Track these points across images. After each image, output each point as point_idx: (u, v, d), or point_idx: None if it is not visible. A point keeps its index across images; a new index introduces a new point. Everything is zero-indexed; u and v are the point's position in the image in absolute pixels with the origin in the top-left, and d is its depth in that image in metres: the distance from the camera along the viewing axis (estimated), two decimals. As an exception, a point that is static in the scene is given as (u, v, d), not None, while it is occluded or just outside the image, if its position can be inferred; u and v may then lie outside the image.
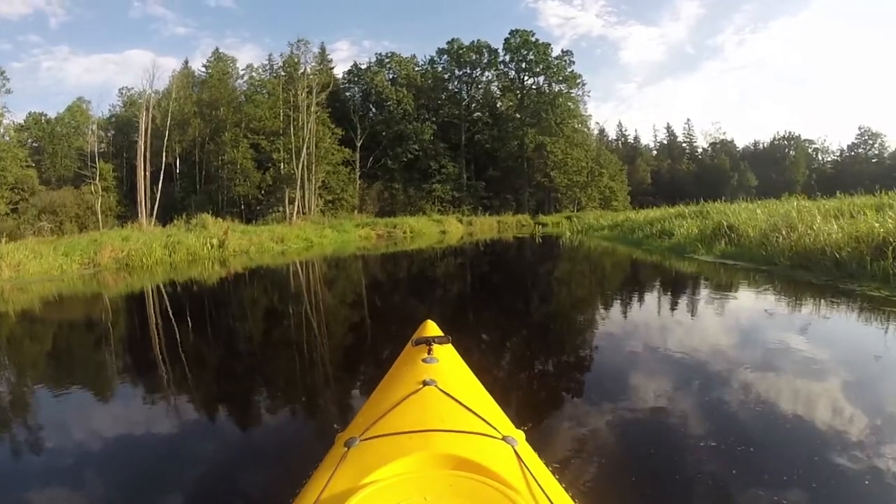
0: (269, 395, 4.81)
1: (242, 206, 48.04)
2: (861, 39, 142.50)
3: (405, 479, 1.37)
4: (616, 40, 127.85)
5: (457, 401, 1.89)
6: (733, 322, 6.75)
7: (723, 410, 3.79)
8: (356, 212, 49.28)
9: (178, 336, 7.47)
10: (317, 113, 45.99)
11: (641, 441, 3.40)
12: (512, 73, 62.77)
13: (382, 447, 1.60)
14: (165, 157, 44.43)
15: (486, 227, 46.58)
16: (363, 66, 60.86)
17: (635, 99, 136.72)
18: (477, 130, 61.83)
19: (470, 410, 1.83)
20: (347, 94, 59.64)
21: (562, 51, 61.63)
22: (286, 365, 5.86)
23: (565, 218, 52.70)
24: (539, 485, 1.45)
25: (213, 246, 20.51)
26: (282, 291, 13.01)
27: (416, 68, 62.53)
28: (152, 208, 40.93)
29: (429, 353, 2.44)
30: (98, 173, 42.88)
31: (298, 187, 42.44)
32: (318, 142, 44.96)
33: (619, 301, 8.87)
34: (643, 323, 7.02)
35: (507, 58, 61.75)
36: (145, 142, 42.38)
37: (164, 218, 36.45)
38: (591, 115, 65.83)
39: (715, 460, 3.01)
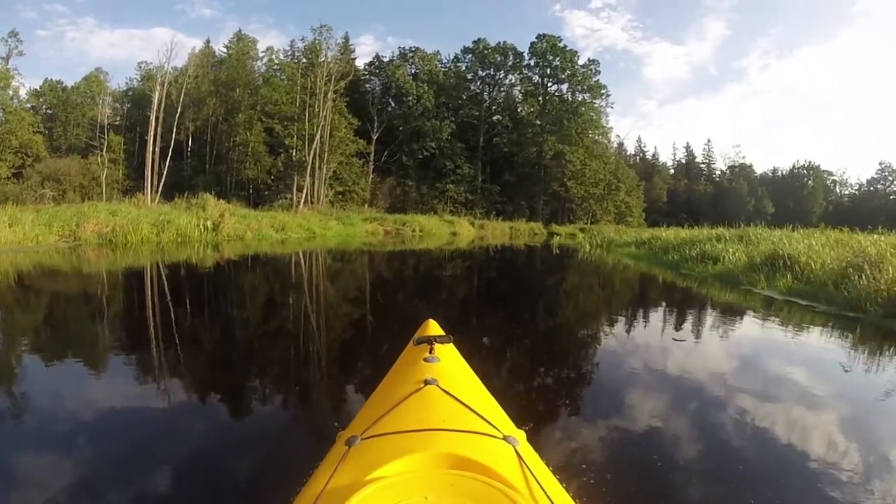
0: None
1: (251, 190, 46.70)
2: (889, 73, 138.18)
3: (406, 478, 1.34)
4: (640, 55, 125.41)
5: (458, 400, 1.84)
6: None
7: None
8: (366, 206, 47.71)
9: (151, 332, 6.56)
10: (334, 101, 44.34)
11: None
12: (536, 78, 60.91)
13: (383, 446, 1.57)
14: (177, 134, 42.87)
15: (498, 232, 44.92)
16: (385, 59, 59.11)
17: (655, 116, 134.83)
18: (496, 133, 60.18)
19: (471, 410, 1.78)
20: (367, 86, 57.78)
21: (588, 59, 60.10)
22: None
23: (579, 230, 51.50)
24: (540, 485, 1.42)
25: (206, 228, 18.84)
26: (275, 286, 11.46)
27: (439, 65, 60.92)
28: (158, 184, 39.43)
29: (430, 353, 2.38)
30: (106, 145, 41.58)
31: (308, 175, 40.79)
32: (332, 131, 43.23)
33: (695, 349, 6.47)
34: (741, 388, 4.90)
35: (532, 62, 59.96)
36: (157, 117, 40.76)
37: (170, 195, 34.91)
38: (611, 128, 63.73)
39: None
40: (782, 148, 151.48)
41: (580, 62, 59.31)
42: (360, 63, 59.12)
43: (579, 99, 59.57)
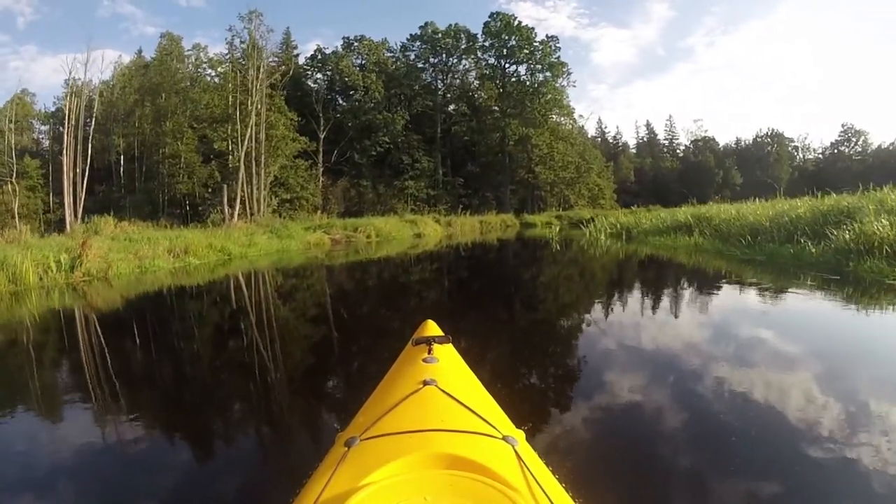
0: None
1: (187, 207, 40.11)
2: (836, 39, 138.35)
3: (405, 479, 1.34)
4: (588, 42, 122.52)
5: (457, 400, 1.82)
6: None
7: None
8: (319, 212, 41.27)
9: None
10: (270, 96, 37.88)
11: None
12: (492, 60, 54.91)
13: (383, 447, 1.56)
14: (107, 154, 35.97)
15: (468, 227, 38.85)
16: (328, 51, 52.39)
17: (607, 99, 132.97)
18: (454, 122, 54.10)
19: (470, 410, 1.76)
20: (309, 82, 51.19)
21: (546, 36, 53.99)
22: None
23: (555, 217, 46.33)
24: (539, 485, 1.40)
25: (58, 267, 12.44)
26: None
27: (388, 53, 54.46)
28: (76, 210, 33.20)
29: (429, 353, 2.35)
30: (13, 171, 35.25)
31: (244, 183, 34.32)
32: (268, 129, 36.55)
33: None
34: None
35: (488, 43, 53.91)
36: (74, 133, 34.72)
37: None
38: (574, 108, 58.13)
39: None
40: (742, 121, 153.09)
41: (538, 39, 53.47)
42: (302, 60, 52.50)
43: (540, 79, 53.86)
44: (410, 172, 48.10)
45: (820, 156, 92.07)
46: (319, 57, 51.74)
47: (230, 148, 35.86)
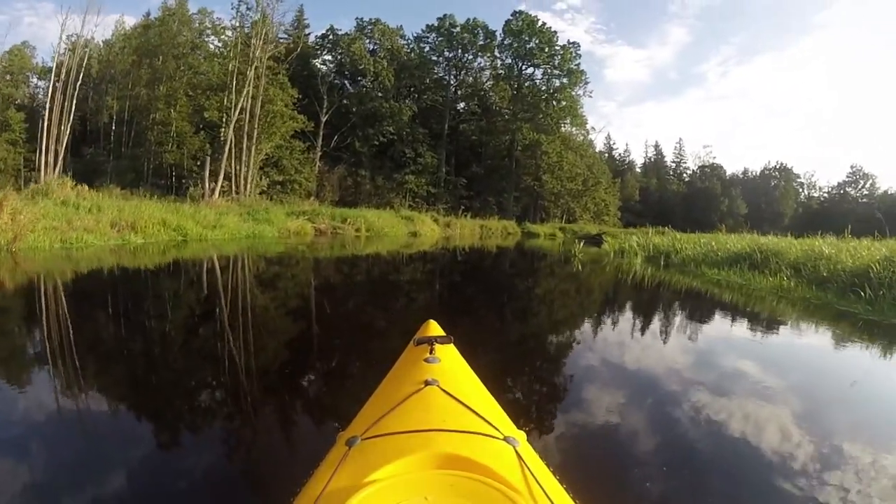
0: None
1: (173, 178, 37.21)
2: (853, 79, 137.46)
3: (406, 479, 1.32)
4: (602, 58, 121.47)
5: (458, 401, 1.79)
6: None
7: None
8: (312, 198, 38.29)
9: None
10: (271, 69, 34.89)
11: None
12: (508, 61, 51.87)
13: (384, 446, 1.53)
14: (98, 115, 32.69)
15: (467, 231, 36.00)
16: (341, 32, 48.94)
17: (616, 116, 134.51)
18: (462, 119, 51.04)
19: (472, 410, 1.74)
20: (318, 62, 48.10)
21: (568, 41, 51.12)
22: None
23: (559, 229, 43.78)
24: (540, 485, 1.38)
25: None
26: None
27: (401, 41, 51.34)
28: (55, 169, 29.90)
29: (431, 353, 2.27)
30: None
31: (234, 159, 31.32)
32: (264, 103, 33.49)
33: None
34: None
35: (507, 42, 50.86)
36: (62, 90, 31.30)
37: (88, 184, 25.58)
38: (587, 120, 55.33)
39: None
40: (748, 150, 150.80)
41: (559, 44, 50.54)
42: (313, 40, 49.34)
43: (556, 84, 50.91)
44: (412, 167, 45.06)
45: (826, 195, 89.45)
46: (331, 37, 48.53)
47: (224, 120, 32.63)
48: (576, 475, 2.25)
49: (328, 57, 49.14)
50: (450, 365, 2.24)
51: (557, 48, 50.07)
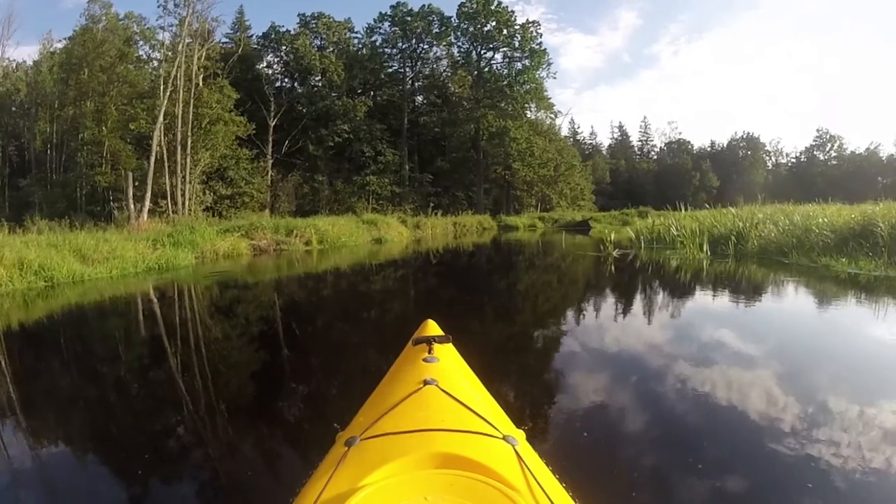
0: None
1: (110, 203, 32.28)
2: (803, 47, 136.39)
3: (406, 479, 1.30)
4: (555, 46, 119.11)
5: (457, 400, 1.76)
6: None
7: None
8: (267, 210, 33.92)
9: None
10: (205, 68, 30.48)
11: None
12: (466, 46, 47.88)
13: (383, 446, 1.51)
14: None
15: (439, 230, 31.89)
16: (283, 29, 44.33)
17: (572, 103, 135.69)
18: (423, 112, 46.96)
19: (470, 410, 1.71)
20: (262, 65, 43.69)
21: (527, 20, 47.21)
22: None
23: (538, 219, 39.92)
24: (539, 484, 1.36)
25: None
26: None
27: (349, 34, 46.90)
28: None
29: (429, 353, 2.24)
30: None
31: (166, 172, 26.94)
32: (198, 107, 29.01)
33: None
34: None
35: (463, 27, 46.83)
36: None
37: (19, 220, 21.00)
38: (554, 103, 51.67)
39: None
40: (710, 123, 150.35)
41: (518, 22, 46.72)
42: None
43: (518, 67, 47.08)
44: (373, 167, 40.86)
45: (793, 160, 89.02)
46: (273, 36, 43.96)
47: (145, 127, 28.10)
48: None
49: (272, 58, 44.78)
50: (448, 364, 2.19)
51: (517, 27, 46.22)
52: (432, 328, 2.65)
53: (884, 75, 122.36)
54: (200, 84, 31.72)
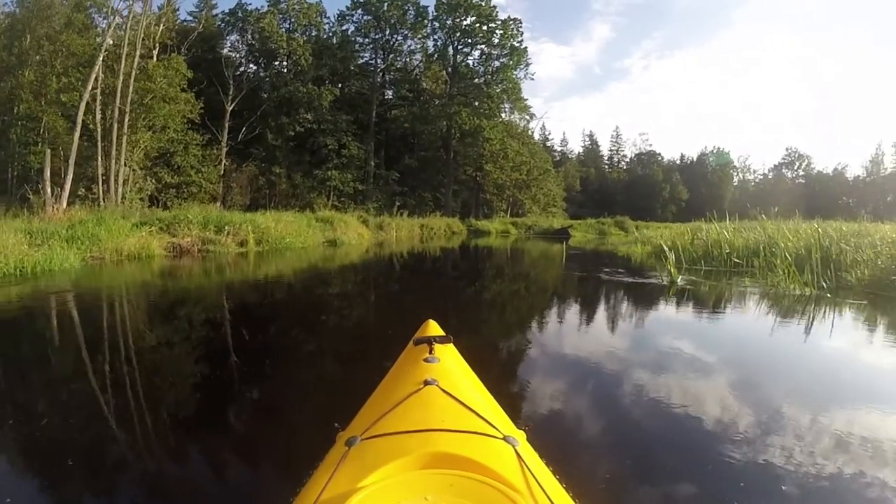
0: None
1: (48, 185, 28.41)
2: (776, 68, 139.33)
3: (406, 479, 1.29)
4: (528, 55, 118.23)
5: (458, 400, 1.74)
6: None
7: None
8: (218, 203, 30.46)
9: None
10: (151, 37, 26.99)
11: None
12: (443, 40, 44.90)
13: (383, 446, 1.50)
14: None
15: (405, 232, 28.99)
16: (251, 7, 40.41)
17: (541, 112, 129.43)
18: (393, 106, 43.76)
19: (471, 410, 1.69)
20: (224, 48, 39.99)
21: (509, 17, 44.47)
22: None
23: (510, 224, 37.52)
24: (540, 485, 1.35)
25: None
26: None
27: (320, 17, 43.26)
28: None
29: (430, 353, 2.19)
30: None
31: (99, 154, 23.45)
32: (139, 79, 25.45)
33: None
34: None
35: (441, 19, 43.84)
36: None
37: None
38: (530, 105, 49.03)
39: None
40: (682, 138, 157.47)
41: (499, 18, 43.92)
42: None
43: (496, 65, 44.41)
44: (335, 160, 37.51)
45: (761, 177, 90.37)
46: (240, 14, 40.13)
47: (76, 99, 24.37)
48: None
49: (237, 38, 40.94)
50: (449, 365, 2.16)
51: (498, 23, 43.50)
52: (433, 328, 2.60)
53: (854, 97, 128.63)
54: (155, 58, 28.40)
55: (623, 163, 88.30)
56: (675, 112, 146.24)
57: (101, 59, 22.85)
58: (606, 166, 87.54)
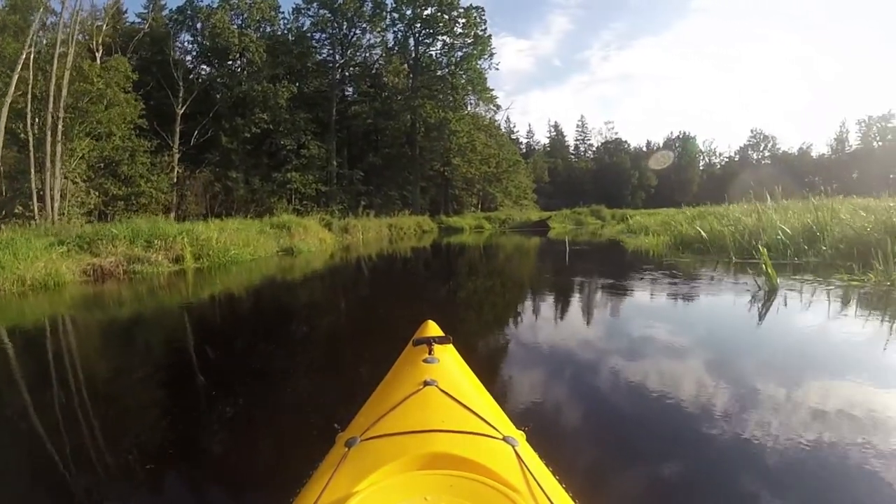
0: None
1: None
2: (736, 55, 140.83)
3: (406, 479, 1.29)
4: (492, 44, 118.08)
5: (457, 401, 1.72)
6: None
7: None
8: (172, 214, 28.23)
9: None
10: (88, 34, 24.70)
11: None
12: (403, 31, 43.20)
13: (383, 447, 1.49)
14: None
15: (372, 233, 27.19)
16: (202, 3, 37.97)
17: (504, 105, 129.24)
18: (354, 102, 41.76)
19: (470, 411, 1.67)
20: (173, 50, 37.33)
21: (471, 5, 42.62)
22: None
23: (484, 219, 35.66)
24: (539, 485, 1.34)
25: None
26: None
27: (275, 13, 40.90)
28: None
29: (429, 354, 2.16)
30: None
31: (31, 166, 21.13)
32: (74, 81, 23.10)
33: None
34: None
35: (400, 11, 42.12)
36: None
37: None
38: (496, 95, 47.33)
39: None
40: (648, 126, 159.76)
41: (462, 5, 42.26)
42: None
43: (460, 55, 42.76)
44: (295, 161, 35.43)
45: (726, 159, 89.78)
46: (189, 11, 37.73)
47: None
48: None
49: (187, 37, 38.75)
50: (449, 365, 2.14)
51: (460, 11, 41.82)
52: (432, 329, 2.57)
53: (818, 77, 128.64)
54: (98, 61, 26.13)
55: (590, 152, 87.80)
56: (639, 101, 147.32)
57: (23, 57, 20.42)
58: (573, 156, 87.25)
